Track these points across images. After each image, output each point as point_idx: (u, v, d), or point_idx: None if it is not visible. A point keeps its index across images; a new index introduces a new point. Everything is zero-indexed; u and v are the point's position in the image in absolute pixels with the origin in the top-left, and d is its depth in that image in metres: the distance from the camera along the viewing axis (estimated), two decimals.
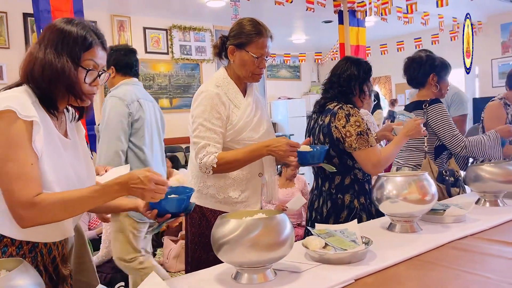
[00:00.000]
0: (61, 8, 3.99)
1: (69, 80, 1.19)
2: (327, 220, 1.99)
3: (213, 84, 1.75)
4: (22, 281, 0.80)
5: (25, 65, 1.21)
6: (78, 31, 1.20)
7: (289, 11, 6.50)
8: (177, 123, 7.92)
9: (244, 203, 1.80)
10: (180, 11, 7.29)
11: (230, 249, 1.18)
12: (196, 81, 8.23)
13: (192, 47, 8.10)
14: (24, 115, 1.11)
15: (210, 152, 1.67)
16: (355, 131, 1.89)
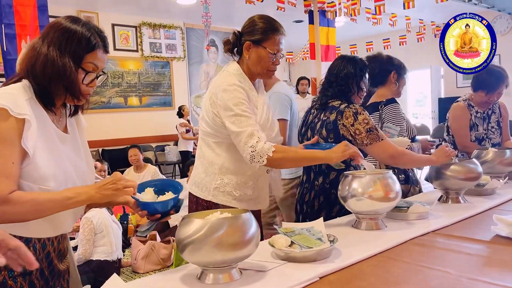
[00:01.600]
0: (23, 3, 3.87)
1: (69, 80, 1.20)
2: (318, 214, 2.00)
3: (236, 79, 1.71)
4: None
5: (27, 59, 1.20)
6: (83, 32, 1.21)
7: (260, 10, 6.48)
8: (146, 121, 7.82)
9: (256, 200, 1.81)
10: (150, 8, 7.18)
11: (195, 249, 1.16)
12: (167, 79, 8.14)
13: (162, 44, 8.00)
14: (17, 113, 1.11)
15: (263, 138, 1.60)
16: (364, 128, 1.91)
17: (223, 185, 1.76)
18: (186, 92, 8.46)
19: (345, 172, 1.73)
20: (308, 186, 2.12)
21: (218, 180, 1.76)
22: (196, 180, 1.83)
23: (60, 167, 1.21)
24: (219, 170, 1.75)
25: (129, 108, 7.61)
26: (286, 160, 1.67)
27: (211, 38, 8.46)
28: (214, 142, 1.76)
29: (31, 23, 3.89)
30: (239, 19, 7.81)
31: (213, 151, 1.77)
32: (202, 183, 1.80)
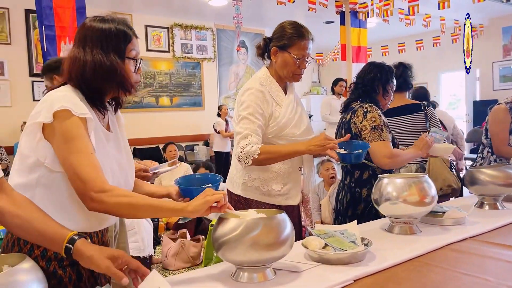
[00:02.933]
0: (63, 5, 4.00)
1: (121, 75, 1.25)
2: (346, 211, 2.12)
3: (257, 82, 1.84)
4: (24, 277, 0.81)
5: (75, 69, 1.24)
6: (117, 27, 1.26)
7: (290, 11, 6.49)
8: (176, 121, 7.94)
9: (285, 196, 1.89)
10: (182, 9, 7.30)
11: (230, 248, 1.19)
12: (197, 79, 8.24)
13: (194, 45, 8.10)
14: (79, 113, 1.16)
15: (253, 142, 1.74)
16: (370, 125, 2.01)
17: (250, 180, 1.87)
18: (215, 92, 8.55)
19: (380, 175, 1.72)
20: (341, 185, 2.24)
21: (246, 176, 1.87)
22: (230, 175, 1.97)
23: (107, 165, 1.26)
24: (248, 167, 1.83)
25: (160, 108, 7.75)
26: (270, 159, 1.78)
27: (241, 39, 8.52)
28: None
29: (70, 25, 4.02)
30: (269, 20, 7.91)
31: None
32: (233, 179, 1.93)
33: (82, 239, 1.06)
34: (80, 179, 1.12)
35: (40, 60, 6.25)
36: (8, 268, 0.87)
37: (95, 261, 1.01)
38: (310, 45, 1.87)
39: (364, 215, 2.02)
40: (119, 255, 1.06)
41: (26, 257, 0.86)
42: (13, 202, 1.08)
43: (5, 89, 6.15)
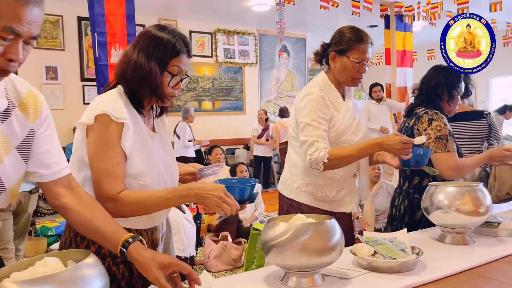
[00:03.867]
0: (114, 13, 4.17)
1: (154, 83, 1.29)
2: (403, 217, 2.07)
3: (317, 87, 1.83)
4: (88, 271, 0.85)
5: (120, 64, 1.32)
6: (169, 39, 1.29)
7: (333, 15, 6.45)
8: (218, 125, 8.06)
9: (339, 202, 1.87)
10: (225, 15, 7.41)
11: (279, 252, 1.19)
12: (239, 84, 8.33)
13: (236, 50, 8.21)
14: (117, 117, 1.22)
15: (320, 148, 1.71)
16: (434, 134, 1.94)
17: (304, 185, 1.85)
18: (257, 97, 8.60)
19: (430, 183, 1.68)
20: (398, 191, 2.18)
21: (300, 180, 1.86)
22: (283, 179, 1.96)
23: (153, 164, 1.32)
24: (302, 171, 1.84)
25: (203, 112, 7.89)
26: (341, 161, 1.74)
27: (283, 43, 8.54)
28: (297, 146, 1.84)
29: (120, 31, 4.19)
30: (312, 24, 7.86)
31: (297, 153, 1.87)
32: (286, 183, 1.92)
33: (135, 244, 1.09)
34: (99, 187, 1.21)
35: (91, 66, 6.54)
36: (73, 263, 0.92)
37: (146, 269, 1.05)
38: (370, 49, 1.85)
39: (422, 222, 1.94)
40: (170, 264, 1.07)
41: (90, 253, 0.90)
42: (78, 199, 1.14)
43: (58, 93, 6.47)
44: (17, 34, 0.88)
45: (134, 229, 1.30)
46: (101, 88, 3.97)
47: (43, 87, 6.32)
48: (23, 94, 1.06)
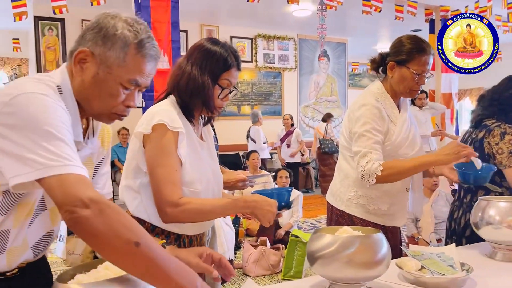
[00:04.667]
0: (160, 20, 4.31)
1: (206, 96, 1.35)
2: (463, 232, 1.99)
3: (373, 98, 1.77)
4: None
5: (174, 76, 1.39)
6: (221, 53, 1.35)
7: (376, 20, 6.36)
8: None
9: (391, 216, 1.82)
10: (266, 20, 7.47)
11: (325, 264, 1.20)
12: (278, 89, 8.36)
13: (275, 55, 8.25)
14: (173, 127, 1.28)
15: (374, 159, 1.66)
16: (507, 149, 1.86)
17: (356, 197, 1.81)
18: (295, 102, 8.60)
19: (480, 197, 1.63)
20: (458, 204, 2.10)
21: (352, 192, 1.82)
22: (332, 189, 1.92)
23: (203, 171, 1.38)
24: (354, 183, 1.80)
25: (242, 116, 7.97)
26: (395, 175, 1.67)
27: (323, 48, 8.50)
28: (350, 156, 1.80)
29: (165, 38, 4.32)
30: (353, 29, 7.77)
31: (349, 164, 1.82)
32: (337, 193, 1.88)
33: (169, 246, 1.16)
34: (160, 193, 1.25)
35: None
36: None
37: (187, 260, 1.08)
38: (431, 60, 1.78)
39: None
40: (203, 250, 1.15)
41: None
42: None
43: None
44: (138, 85, 1.02)
45: (185, 234, 1.35)
46: (146, 93, 4.11)
47: None
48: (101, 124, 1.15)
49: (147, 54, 1.01)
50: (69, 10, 4.51)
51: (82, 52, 0.98)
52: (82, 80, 1.00)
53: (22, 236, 1.01)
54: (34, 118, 0.86)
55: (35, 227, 1.04)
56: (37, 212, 1.03)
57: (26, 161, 0.83)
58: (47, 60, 6.29)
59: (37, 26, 6.20)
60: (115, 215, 0.81)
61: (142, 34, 1.00)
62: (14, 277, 1.03)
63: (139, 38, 1.00)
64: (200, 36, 7.42)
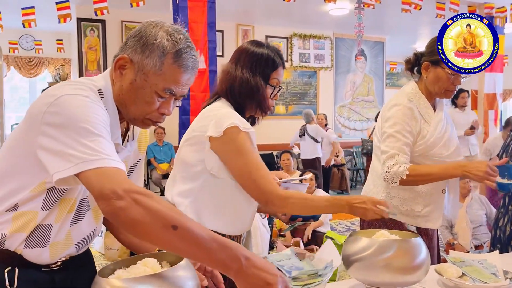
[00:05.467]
0: (197, 20, 4.37)
1: (261, 97, 1.39)
2: (509, 240, 1.95)
3: (405, 98, 1.76)
4: (183, 273, 0.91)
5: (224, 82, 1.42)
6: (268, 54, 1.40)
7: (415, 18, 6.19)
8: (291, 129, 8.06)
9: (425, 218, 1.78)
10: (302, 20, 7.42)
11: (361, 267, 1.19)
12: (313, 88, 8.30)
13: (311, 54, 8.19)
14: (244, 128, 1.31)
15: (400, 162, 1.66)
16: None
17: (389, 198, 1.78)
18: (331, 101, 8.51)
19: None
20: (503, 211, 2.04)
21: (384, 193, 1.79)
22: (366, 190, 1.90)
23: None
24: (387, 183, 1.76)
25: (276, 116, 7.96)
26: (420, 180, 1.68)
27: (360, 47, 8.36)
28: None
29: (201, 38, 4.38)
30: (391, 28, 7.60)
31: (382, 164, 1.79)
32: (369, 194, 1.85)
33: None
34: (261, 191, 1.29)
35: None
36: (167, 265, 0.99)
37: None
38: None
39: None
40: None
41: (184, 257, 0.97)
42: None
43: None
44: (173, 94, 1.03)
45: (228, 235, 1.38)
46: None
47: None
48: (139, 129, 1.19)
49: (184, 64, 1.01)
50: (110, 12, 4.65)
51: (122, 59, 1.02)
52: (121, 85, 1.03)
53: (65, 231, 1.06)
54: (74, 117, 0.90)
55: (81, 226, 1.09)
56: (82, 211, 1.08)
57: (67, 157, 0.87)
58: (88, 60, 6.51)
59: (80, 28, 6.43)
60: (150, 202, 0.84)
61: (181, 44, 1.01)
62: (58, 270, 1.08)
63: (177, 48, 1.00)
64: (236, 35, 7.47)
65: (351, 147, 8.58)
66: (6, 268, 0.99)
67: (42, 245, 1.03)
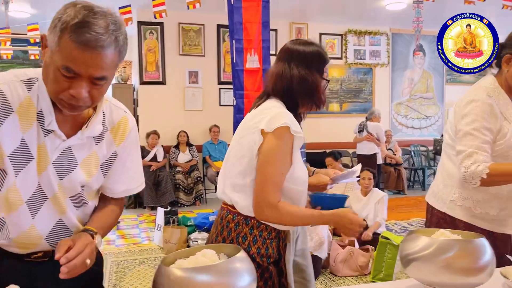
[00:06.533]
0: (251, 20, 4.41)
1: (319, 91, 1.42)
2: None
3: (484, 94, 1.64)
4: (241, 266, 0.94)
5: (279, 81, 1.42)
6: (317, 49, 1.43)
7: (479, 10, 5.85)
8: (345, 127, 7.95)
9: (502, 222, 1.68)
10: (357, 15, 7.28)
11: (420, 267, 1.15)
12: (368, 85, 8.11)
13: (367, 51, 8.00)
14: (294, 130, 1.32)
15: (479, 161, 1.54)
16: None
17: (461, 199, 1.68)
18: (387, 99, 8.27)
19: None
20: None
21: (456, 193, 1.70)
22: (434, 190, 1.82)
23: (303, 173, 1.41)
24: (459, 184, 1.68)
25: (330, 114, 7.87)
26: (503, 179, 1.56)
27: (419, 42, 8.05)
28: (454, 155, 1.67)
29: (256, 38, 4.42)
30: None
31: (454, 163, 1.70)
32: (438, 194, 1.77)
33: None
34: (263, 191, 1.29)
35: (227, 70, 7.03)
36: (225, 257, 1.02)
37: None
38: None
39: None
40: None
41: (241, 249, 0.99)
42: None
43: (198, 95, 7.08)
44: (74, 72, 0.95)
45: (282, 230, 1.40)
46: (237, 91, 4.24)
47: (186, 90, 6.98)
48: (116, 120, 1.18)
49: (79, 40, 0.92)
50: (168, 14, 4.83)
51: (42, 37, 1.01)
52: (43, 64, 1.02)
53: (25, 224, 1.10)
54: None
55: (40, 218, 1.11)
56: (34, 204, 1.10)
57: None
58: (147, 62, 6.80)
59: (140, 31, 6.72)
60: None
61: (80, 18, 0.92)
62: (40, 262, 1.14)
63: (73, 22, 0.92)
64: (290, 34, 7.47)
65: (408, 146, 8.30)
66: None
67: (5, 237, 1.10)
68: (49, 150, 1.07)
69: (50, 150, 1.07)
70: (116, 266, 3.81)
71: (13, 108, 1.03)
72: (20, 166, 1.05)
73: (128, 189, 1.26)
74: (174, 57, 6.93)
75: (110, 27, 0.95)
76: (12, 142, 1.04)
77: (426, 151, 8.43)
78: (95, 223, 1.17)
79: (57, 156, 1.08)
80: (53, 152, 1.08)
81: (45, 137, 1.06)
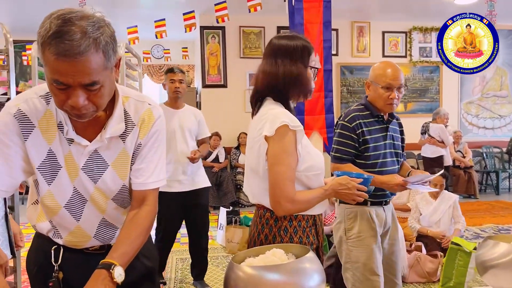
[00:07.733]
0: (312, 20, 4.39)
1: (304, 81, 1.46)
2: None
3: None
4: (310, 266, 0.94)
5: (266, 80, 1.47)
6: (303, 43, 1.47)
7: None
8: (410, 128, 7.62)
9: None
10: (422, 12, 6.98)
11: (499, 274, 1.09)
12: (435, 84, 7.75)
13: (433, 48, 7.64)
14: (293, 126, 1.38)
15: None
16: None
17: None
18: (455, 98, 7.85)
19: None
20: None
21: None
22: None
23: (319, 155, 1.48)
24: None
25: None
26: None
27: None
28: None
29: (317, 38, 4.39)
30: None
31: None
32: None
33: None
34: (280, 189, 1.36)
35: None
36: (293, 257, 1.03)
37: None
38: None
39: None
40: None
41: (310, 250, 1.00)
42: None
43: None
44: (64, 84, 0.94)
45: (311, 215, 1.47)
46: None
47: (246, 93, 7.08)
48: (141, 113, 1.16)
49: (55, 51, 0.90)
50: (230, 18, 4.93)
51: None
52: None
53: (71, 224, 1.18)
54: None
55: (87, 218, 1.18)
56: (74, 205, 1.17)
57: None
58: (210, 65, 6.98)
59: (203, 35, 6.92)
60: None
61: (52, 29, 0.90)
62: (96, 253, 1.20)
63: (49, 34, 0.90)
64: (351, 33, 7.33)
65: (480, 147, 7.82)
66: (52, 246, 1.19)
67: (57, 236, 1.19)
68: (76, 157, 1.12)
69: (76, 156, 1.11)
70: (181, 263, 3.95)
71: (34, 123, 1.08)
72: (50, 175, 1.12)
73: (143, 182, 1.17)
74: (235, 60, 7.05)
75: (87, 30, 0.92)
76: (39, 154, 1.10)
77: (500, 153, 7.90)
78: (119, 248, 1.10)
79: (85, 161, 1.12)
80: (80, 158, 1.12)
81: (70, 145, 1.11)
